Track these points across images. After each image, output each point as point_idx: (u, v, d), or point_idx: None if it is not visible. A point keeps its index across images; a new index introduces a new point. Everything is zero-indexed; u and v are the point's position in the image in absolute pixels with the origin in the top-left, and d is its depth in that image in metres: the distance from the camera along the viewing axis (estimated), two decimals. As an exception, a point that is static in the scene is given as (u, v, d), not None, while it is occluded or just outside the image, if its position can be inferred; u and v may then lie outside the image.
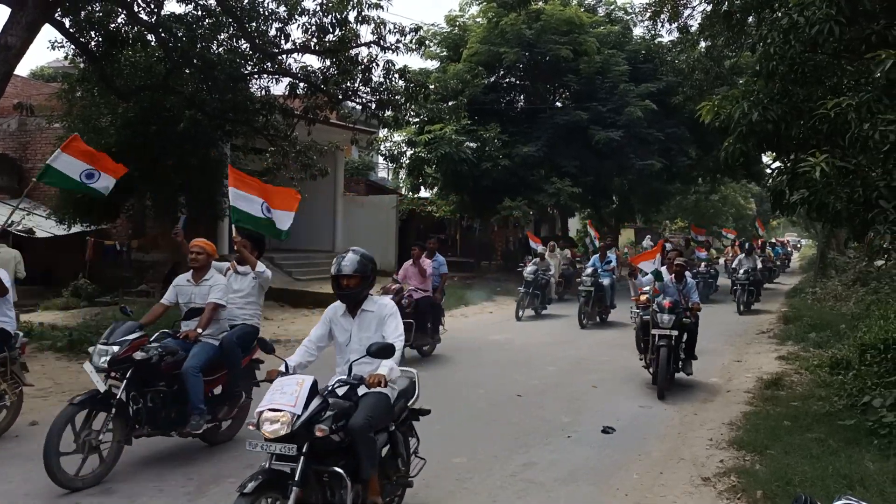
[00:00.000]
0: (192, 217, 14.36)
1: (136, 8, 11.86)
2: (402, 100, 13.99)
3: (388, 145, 23.48)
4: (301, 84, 13.58)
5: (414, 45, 13.40)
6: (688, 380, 9.21)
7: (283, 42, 13.06)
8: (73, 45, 12.31)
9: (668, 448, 6.51)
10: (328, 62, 13.49)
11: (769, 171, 9.93)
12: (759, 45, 7.05)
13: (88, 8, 11.74)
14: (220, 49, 12.93)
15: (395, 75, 13.52)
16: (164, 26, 11.96)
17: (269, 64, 13.61)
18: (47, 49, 63.45)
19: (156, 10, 12.02)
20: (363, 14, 12.48)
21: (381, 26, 12.75)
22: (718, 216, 44.00)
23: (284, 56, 13.52)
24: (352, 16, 12.51)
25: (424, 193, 25.55)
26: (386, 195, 25.86)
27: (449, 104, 18.69)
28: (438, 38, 24.26)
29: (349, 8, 12.40)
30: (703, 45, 19.13)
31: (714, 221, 43.47)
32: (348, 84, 13.62)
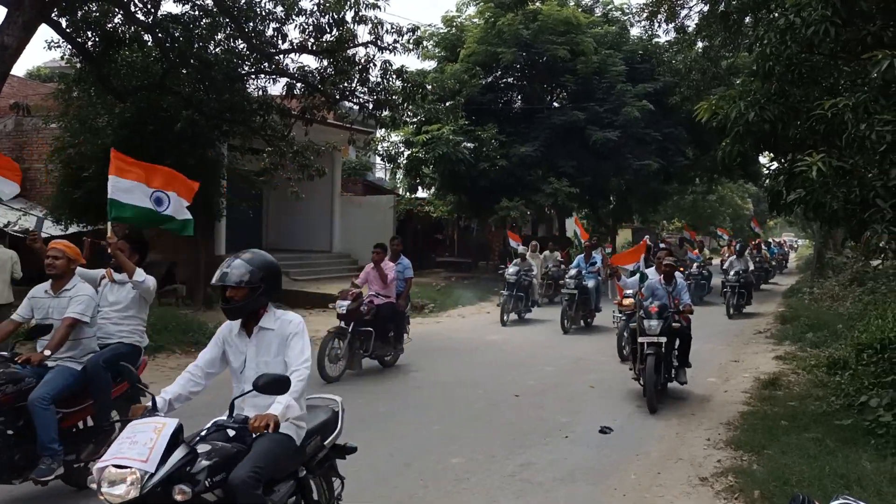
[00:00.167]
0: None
1: (132, 8, 11.85)
2: (400, 100, 14.00)
3: (385, 145, 23.48)
4: (298, 84, 13.59)
5: (411, 46, 13.41)
6: (686, 381, 9.10)
7: (280, 42, 13.08)
8: (69, 45, 12.30)
9: (666, 448, 6.52)
10: (325, 62, 13.50)
11: (766, 172, 9.95)
12: (755, 46, 7.06)
13: (85, 8, 11.73)
14: (217, 49, 12.93)
15: (393, 75, 13.53)
16: (160, 26, 11.96)
17: (266, 64, 13.61)
18: (44, 49, 63.28)
19: (153, 10, 12.02)
20: (360, 14, 12.49)
21: (379, 26, 12.77)
22: (716, 216, 44.07)
23: (282, 56, 13.53)
24: (349, 16, 12.53)
25: (422, 193, 25.57)
26: (383, 195, 25.83)
27: (446, 104, 18.70)
28: (436, 38, 24.25)
29: (346, 8, 12.41)
30: (700, 45, 19.14)
31: (711, 221, 43.54)
32: (345, 84, 13.63)
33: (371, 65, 13.36)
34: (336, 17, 12.49)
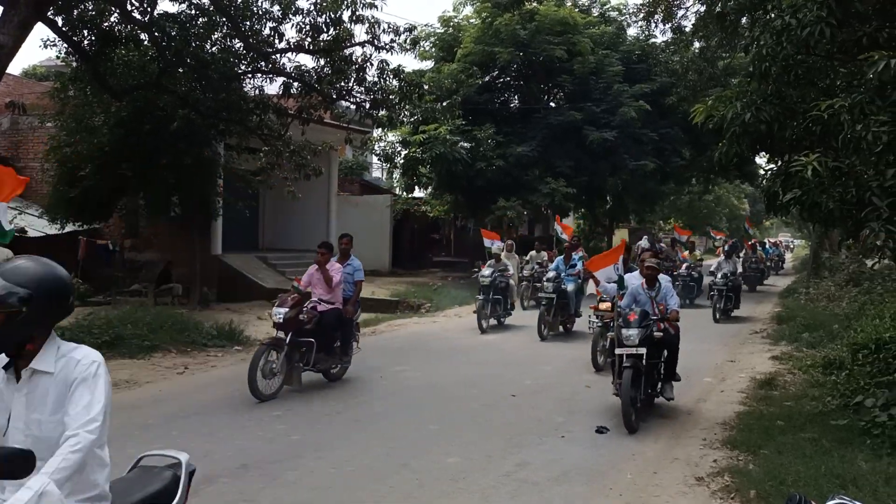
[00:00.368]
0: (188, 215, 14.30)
1: (129, 6, 11.82)
2: (397, 99, 13.99)
3: (382, 145, 23.51)
4: (295, 83, 13.58)
5: (408, 45, 13.44)
6: (683, 380, 8.61)
7: (277, 41, 13.08)
8: (65, 44, 12.27)
9: (662, 448, 6.52)
10: (322, 62, 13.49)
11: (763, 172, 9.97)
12: (751, 47, 7.07)
13: (81, 6, 11.70)
14: (213, 48, 12.91)
15: (390, 75, 13.53)
16: (157, 25, 11.94)
17: (262, 63, 13.60)
18: (39, 48, 63.09)
19: (149, 9, 11.99)
20: (357, 13, 12.48)
21: (376, 26, 12.76)
22: (712, 216, 44.17)
23: (278, 55, 13.52)
24: (346, 15, 12.52)
25: (419, 193, 25.57)
26: (380, 195, 25.83)
27: (443, 104, 18.72)
28: (433, 38, 24.27)
29: (343, 7, 12.40)
30: (696, 45, 19.21)
31: (708, 221, 43.64)
32: (342, 84, 13.63)
33: (368, 64, 13.36)
34: (333, 16, 12.49)
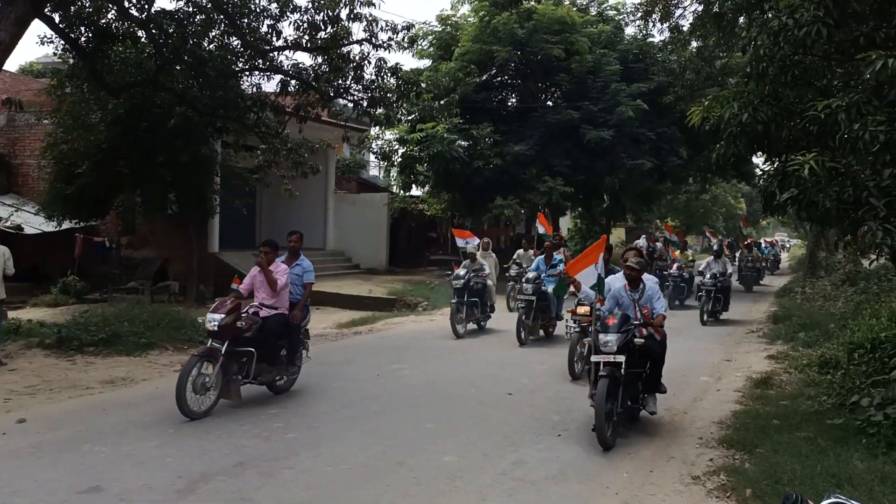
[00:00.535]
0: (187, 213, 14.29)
1: (126, 4, 11.81)
2: (394, 98, 13.99)
3: (379, 143, 23.49)
4: (293, 81, 13.58)
5: (406, 43, 13.45)
6: (679, 379, 8.84)
7: (274, 39, 13.07)
8: (62, 41, 12.25)
9: (658, 447, 6.53)
10: (320, 59, 13.48)
11: (760, 172, 9.98)
12: (749, 47, 7.08)
13: (78, 3, 11.67)
14: (211, 46, 12.90)
15: (387, 73, 13.53)
16: (154, 22, 11.92)
17: (260, 61, 13.59)
18: (37, 44, 62.99)
19: (146, 6, 11.98)
20: (355, 12, 12.49)
21: (373, 24, 12.75)
22: (709, 216, 44.23)
23: (276, 53, 13.51)
24: (344, 13, 12.51)
25: (416, 192, 25.55)
26: (377, 193, 25.83)
27: (441, 102, 18.71)
28: (430, 36, 24.25)
29: (341, 5, 12.39)
30: (694, 45, 19.24)
31: (705, 221, 43.69)
32: (340, 81, 13.62)
33: (365, 62, 13.37)
34: (331, 14, 12.48)
